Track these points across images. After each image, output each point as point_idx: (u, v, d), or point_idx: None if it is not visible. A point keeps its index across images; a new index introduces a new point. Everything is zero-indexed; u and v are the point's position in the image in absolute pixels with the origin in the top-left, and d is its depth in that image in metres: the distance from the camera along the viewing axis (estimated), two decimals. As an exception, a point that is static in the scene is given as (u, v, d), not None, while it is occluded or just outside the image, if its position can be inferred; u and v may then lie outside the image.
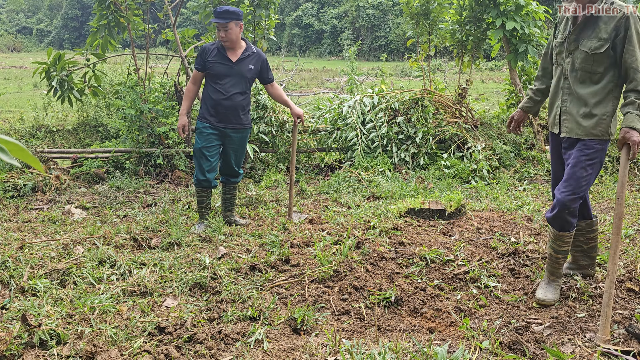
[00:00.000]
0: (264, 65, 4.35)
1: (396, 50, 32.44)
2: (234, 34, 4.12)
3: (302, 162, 6.72)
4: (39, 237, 4.08)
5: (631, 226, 4.28)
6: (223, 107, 4.22)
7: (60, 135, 7.46)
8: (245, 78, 4.25)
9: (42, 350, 2.52)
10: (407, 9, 7.26)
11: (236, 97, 4.23)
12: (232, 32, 4.10)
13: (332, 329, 2.76)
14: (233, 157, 4.39)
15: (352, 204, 5.02)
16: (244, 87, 4.28)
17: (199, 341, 2.62)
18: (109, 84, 7.80)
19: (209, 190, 4.41)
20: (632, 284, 3.23)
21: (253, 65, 4.26)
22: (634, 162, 6.15)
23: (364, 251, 3.72)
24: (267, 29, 6.61)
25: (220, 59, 4.18)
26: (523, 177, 6.06)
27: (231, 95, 4.21)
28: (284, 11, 40.97)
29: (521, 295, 3.14)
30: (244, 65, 4.23)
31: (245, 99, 4.32)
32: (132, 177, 6.01)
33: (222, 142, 4.34)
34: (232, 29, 4.09)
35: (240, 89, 4.25)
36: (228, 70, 4.19)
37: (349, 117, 6.62)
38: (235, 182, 4.52)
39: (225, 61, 4.18)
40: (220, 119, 4.23)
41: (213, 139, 4.26)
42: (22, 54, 37.78)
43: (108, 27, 5.96)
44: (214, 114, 4.23)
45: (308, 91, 14.99)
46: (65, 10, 47.29)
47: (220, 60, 4.18)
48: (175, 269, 3.46)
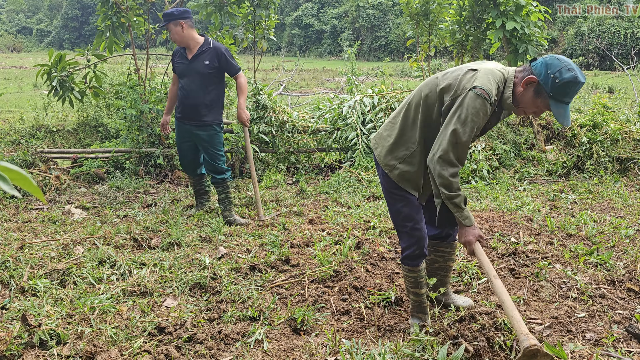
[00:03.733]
0: (223, 58, 4.33)
1: (396, 51, 32.43)
2: (176, 34, 4.29)
3: (302, 162, 6.71)
4: (39, 237, 4.08)
5: (631, 226, 4.28)
6: (185, 105, 4.41)
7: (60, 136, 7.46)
8: (202, 74, 4.32)
9: (42, 350, 2.52)
10: (407, 9, 7.26)
11: (196, 94, 4.35)
12: (173, 32, 4.29)
13: (332, 329, 2.75)
14: (205, 154, 4.50)
15: (352, 204, 5.02)
16: (204, 84, 4.34)
17: (199, 341, 2.62)
18: (109, 84, 7.80)
19: (195, 178, 4.75)
20: (632, 284, 3.23)
21: (208, 61, 4.31)
22: (634, 162, 6.15)
23: (364, 251, 3.72)
24: (267, 29, 6.61)
25: (181, 58, 4.41)
26: (523, 177, 6.06)
27: (190, 92, 4.36)
28: (284, 11, 40.95)
29: (521, 295, 3.14)
30: (199, 62, 4.31)
31: (208, 96, 4.36)
32: (132, 177, 6.01)
33: (193, 139, 4.50)
34: (173, 30, 4.28)
35: (199, 86, 4.33)
36: (185, 68, 4.37)
37: (349, 117, 6.62)
38: (220, 179, 4.56)
39: (183, 60, 4.39)
40: (184, 115, 4.43)
41: (184, 136, 4.50)
42: (22, 54, 37.77)
43: (112, 28, 5.97)
44: (180, 112, 4.46)
45: (308, 91, 14.98)
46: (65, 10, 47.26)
47: (180, 59, 4.42)
48: (175, 269, 3.46)
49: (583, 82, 2.21)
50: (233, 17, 6.23)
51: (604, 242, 3.93)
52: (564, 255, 3.66)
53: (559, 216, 4.66)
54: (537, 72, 2.25)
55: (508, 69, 2.40)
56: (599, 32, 24.10)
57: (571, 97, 2.25)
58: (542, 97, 2.26)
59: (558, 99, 2.23)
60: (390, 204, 2.64)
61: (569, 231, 4.15)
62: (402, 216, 2.59)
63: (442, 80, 2.42)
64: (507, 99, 2.34)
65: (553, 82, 2.20)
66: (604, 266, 3.50)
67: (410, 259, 2.66)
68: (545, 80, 2.22)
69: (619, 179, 5.90)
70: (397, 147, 2.55)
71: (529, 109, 2.35)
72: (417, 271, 2.69)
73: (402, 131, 2.54)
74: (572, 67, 2.21)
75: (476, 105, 2.25)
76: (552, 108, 2.25)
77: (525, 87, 2.29)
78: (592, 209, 4.89)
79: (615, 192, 5.38)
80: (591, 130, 6.49)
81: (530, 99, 2.29)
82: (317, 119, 6.83)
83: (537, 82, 2.25)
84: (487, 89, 2.25)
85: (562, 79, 2.19)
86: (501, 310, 2.94)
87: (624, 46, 23.04)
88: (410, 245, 2.62)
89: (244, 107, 4.42)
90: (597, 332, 2.73)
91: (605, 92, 12.68)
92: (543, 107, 2.30)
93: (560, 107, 2.24)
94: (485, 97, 2.24)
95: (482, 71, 2.33)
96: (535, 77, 2.25)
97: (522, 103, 2.33)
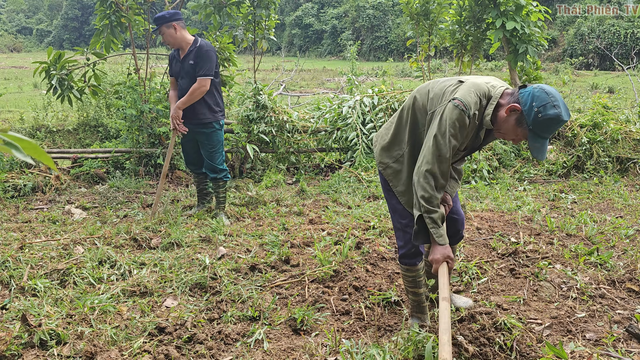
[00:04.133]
0: (199, 59, 4.34)
1: (396, 51, 32.43)
2: (170, 36, 4.34)
3: (302, 162, 6.72)
4: (39, 237, 4.08)
5: (631, 226, 4.28)
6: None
7: (60, 136, 7.46)
8: (190, 74, 4.37)
9: (42, 350, 2.52)
10: (407, 9, 7.26)
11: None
12: (167, 35, 4.33)
13: (332, 329, 2.76)
14: (204, 152, 4.56)
15: (352, 204, 5.02)
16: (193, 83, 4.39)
17: (199, 341, 2.62)
18: (109, 84, 7.80)
19: (199, 177, 4.81)
20: (632, 284, 3.23)
21: (193, 60, 4.35)
22: (634, 162, 6.15)
23: (364, 251, 3.72)
24: (267, 29, 6.61)
25: (176, 60, 4.50)
26: (523, 177, 6.06)
27: (184, 91, 4.41)
28: (284, 11, 40.95)
29: (521, 295, 3.14)
30: (187, 62, 4.38)
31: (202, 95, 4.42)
32: (132, 177, 6.01)
33: (195, 137, 4.56)
34: (166, 32, 4.33)
35: (190, 85, 4.38)
36: (178, 68, 4.46)
37: (349, 117, 6.62)
38: (215, 177, 4.59)
39: (176, 61, 4.47)
40: (184, 116, 4.47)
41: (187, 134, 4.56)
42: (22, 54, 37.77)
43: (110, 27, 5.97)
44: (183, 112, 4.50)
45: (308, 91, 14.98)
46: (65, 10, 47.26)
47: (176, 62, 4.50)
48: (175, 269, 3.46)
49: (566, 120, 2.16)
50: (232, 18, 6.23)
51: (604, 242, 3.93)
52: (564, 255, 3.66)
53: (559, 216, 4.66)
54: (522, 101, 2.21)
55: (497, 87, 2.34)
56: (599, 32, 24.10)
57: (551, 133, 2.20)
58: (523, 128, 2.22)
59: (537, 133, 2.19)
60: (387, 200, 2.68)
61: (569, 231, 4.15)
62: (397, 213, 2.61)
63: (433, 88, 2.42)
64: (486, 115, 2.29)
65: (535, 116, 2.16)
66: (604, 266, 3.50)
67: (407, 258, 2.66)
68: (528, 112, 2.18)
69: (619, 179, 5.90)
70: (392, 146, 2.58)
71: (509, 136, 2.30)
72: (415, 270, 2.69)
73: (396, 131, 2.57)
74: (557, 103, 2.15)
75: (453, 117, 2.23)
76: (529, 140, 2.22)
77: (508, 113, 2.24)
78: (592, 209, 4.89)
79: (615, 192, 5.38)
80: (591, 130, 6.49)
81: (511, 126, 2.25)
82: (317, 119, 6.82)
83: (521, 112, 2.21)
84: (466, 101, 2.22)
85: (545, 114, 2.14)
86: (501, 310, 2.94)
87: (624, 46, 23.04)
88: (405, 243, 2.63)
89: (180, 106, 4.35)
90: (597, 332, 2.73)
91: (605, 92, 12.67)
92: (522, 136, 2.26)
93: (537, 141, 2.21)
94: (462, 108, 2.22)
95: (467, 84, 2.30)
96: (520, 106, 2.21)
97: (503, 128, 2.29)
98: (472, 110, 2.23)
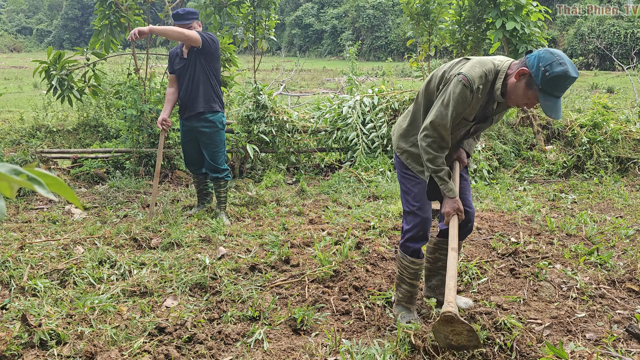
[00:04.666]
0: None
1: (396, 51, 32.43)
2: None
3: (302, 162, 6.72)
4: (39, 237, 4.08)
5: (631, 226, 4.28)
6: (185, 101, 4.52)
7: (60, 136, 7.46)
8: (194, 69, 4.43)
9: (42, 350, 2.52)
10: (407, 9, 7.26)
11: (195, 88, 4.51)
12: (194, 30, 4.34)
13: (332, 329, 2.75)
14: (205, 152, 4.58)
15: (352, 204, 5.02)
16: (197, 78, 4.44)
17: (199, 341, 2.62)
18: (109, 84, 7.80)
19: (199, 177, 4.81)
20: (632, 284, 3.23)
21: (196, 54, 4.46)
22: (634, 162, 6.15)
23: (364, 251, 3.72)
24: (267, 29, 6.61)
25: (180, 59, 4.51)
26: (523, 177, 6.06)
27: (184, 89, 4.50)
28: (284, 11, 40.95)
29: (521, 295, 3.14)
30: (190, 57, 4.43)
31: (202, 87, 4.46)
32: (132, 177, 6.01)
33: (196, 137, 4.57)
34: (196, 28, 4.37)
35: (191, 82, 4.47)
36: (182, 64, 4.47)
37: (349, 117, 6.62)
38: (216, 177, 4.60)
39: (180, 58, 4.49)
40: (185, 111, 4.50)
41: (188, 135, 4.58)
42: (22, 54, 37.77)
43: (110, 27, 5.97)
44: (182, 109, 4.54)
45: (308, 91, 14.98)
46: (65, 10, 47.27)
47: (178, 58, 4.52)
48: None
49: (574, 76, 2.24)
50: (232, 18, 6.23)
51: (604, 242, 3.93)
52: (564, 255, 3.66)
53: (559, 216, 4.66)
54: (529, 64, 2.31)
55: (503, 62, 2.45)
56: (599, 32, 24.10)
57: (561, 90, 2.28)
58: (533, 89, 2.31)
59: (547, 91, 2.27)
60: (402, 183, 2.78)
61: (569, 231, 4.15)
62: (412, 195, 2.72)
63: (444, 69, 2.55)
64: (496, 90, 2.42)
65: (543, 75, 2.24)
66: (604, 266, 3.50)
67: (412, 241, 2.74)
68: (536, 73, 2.27)
69: (619, 179, 5.90)
70: (409, 132, 2.73)
71: (521, 101, 2.39)
72: (420, 263, 2.79)
73: (413, 117, 2.72)
74: (563, 61, 2.24)
75: (456, 91, 2.37)
76: (540, 100, 2.30)
77: (518, 79, 2.35)
78: (592, 209, 4.89)
79: (615, 192, 5.38)
80: (591, 130, 6.49)
81: (521, 90, 2.35)
82: (317, 119, 6.83)
83: (529, 74, 2.30)
84: (470, 76, 2.35)
85: (552, 72, 2.23)
86: (501, 310, 2.94)
87: (624, 46, 23.04)
88: (414, 225, 2.72)
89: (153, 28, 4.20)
90: (597, 332, 2.73)
91: (604, 92, 12.67)
92: (534, 99, 2.35)
93: (548, 99, 2.29)
94: (465, 83, 2.34)
95: (473, 60, 2.44)
96: (528, 69, 2.31)
97: (514, 94, 2.39)
98: (475, 85, 2.35)
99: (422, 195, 2.70)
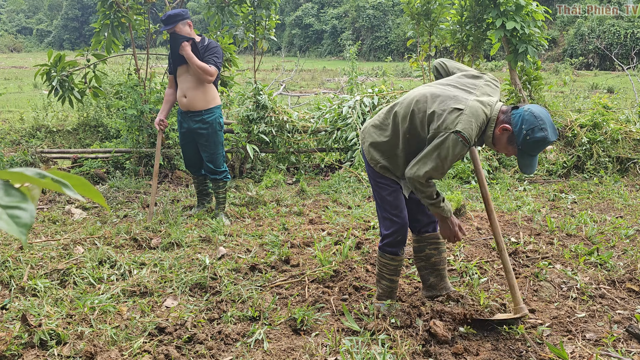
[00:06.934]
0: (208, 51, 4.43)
1: (396, 51, 32.43)
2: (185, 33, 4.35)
3: (302, 162, 6.71)
4: (39, 237, 4.08)
5: (631, 226, 4.28)
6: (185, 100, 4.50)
7: (60, 136, 7.46)
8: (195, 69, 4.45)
9: (42, 350, 2.52)
10: (408, 9, 7.25)
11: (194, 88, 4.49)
12: (183, 33, 4.33)
13: (332, 329, 2.75)
14: (204, 155, 4.57)
15: (352, 204, 5.02)
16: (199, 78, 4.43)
17: (199, 341, 2.62)
18: (109, 84, 7.80)
19: (199, 178, 4.81)
20: (632, 284, 3.23)
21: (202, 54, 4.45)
22: (634, 162, 6.15)
23: (364, 251, 3.72)
24: (267, 29, 6.61)
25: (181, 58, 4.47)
26: (523, 177, 6.06)
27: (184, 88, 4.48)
28: (284, 11, 40.95)
29: (521, 295, 3.14)
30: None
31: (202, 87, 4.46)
32: (132, 177, 6.01)
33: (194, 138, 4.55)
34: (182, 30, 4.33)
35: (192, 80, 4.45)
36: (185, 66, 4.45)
37: (349, 117, 6.61)
38: (215, 178, 4.60)
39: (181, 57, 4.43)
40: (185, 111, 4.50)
41: (187, 136, 4.56)
42: (22, 54, 37.77)
43: (111, 27, 5.97)
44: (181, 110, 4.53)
45: (308, 91, 14.98)
46: (65, 10, 47.26)
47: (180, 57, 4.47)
48: (175, 269, 3.46)
49: (553, 141, 2.38)
50: (234, 17, 6.23)
51: (604, 242, 3.93)
52: (564, 255, 3.66)
53: (559, 216, 4.66)
54: (513, 122, 2.42)
55: (493, 107, 2.49)
56: (599, 32, 24.10)
57: (538, 152, 2.43)
58: (513, 146, 2.45)
59: (526, 151, 2.42)
60: (377, 192, 2.80)
61: (569, 231, 4.15)
62: (388, 203, 2.75)
63: (431, 102, 2.52)
64: (487, 137, 2.52)
65: (524, 138, 2.37)
66: (604, 266, 3.50)
67: (391, 246, 2.81)
68: (518, 133, 2.39)
69: (619, 179, 5.90)
70: (385, 150, 2.72)
71: (501, 150, 2.54)
72: (399, 260, 2.86)
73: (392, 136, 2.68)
74: (545, 126, 2.35)
75: (456, 149, 2.42)
76: (518, 158, 2.46)
77: (501, 132, 2.46)
78: (592, 209, 4.89)
79: (615, 192, 5.38)
80: (591, 130, 6.49)
81: (503, 143, 2.48)
82: (317, 119, 6.82)
83: (512, 132, 2.42)
84: (468, 135, 2.39)
85: (533, 137, 2.36)
86: (502, 310, 2.94)
87: (624, 46, 23.04)
88: (393, 232, 2.77)
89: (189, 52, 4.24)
90: (597, 332, 2.73)
91: (605, 92, 12.67)
92: (512, 153, 2.50)
93: (526, 159, 2.44)
94: (465, 143, 2.40)
95: (467, 114, 2.42)
96: (511, 127, 2.42)
97: (497, 144, 2.52)
98: (472, 140, 2.44)
99: (399, 201, 2.74)
